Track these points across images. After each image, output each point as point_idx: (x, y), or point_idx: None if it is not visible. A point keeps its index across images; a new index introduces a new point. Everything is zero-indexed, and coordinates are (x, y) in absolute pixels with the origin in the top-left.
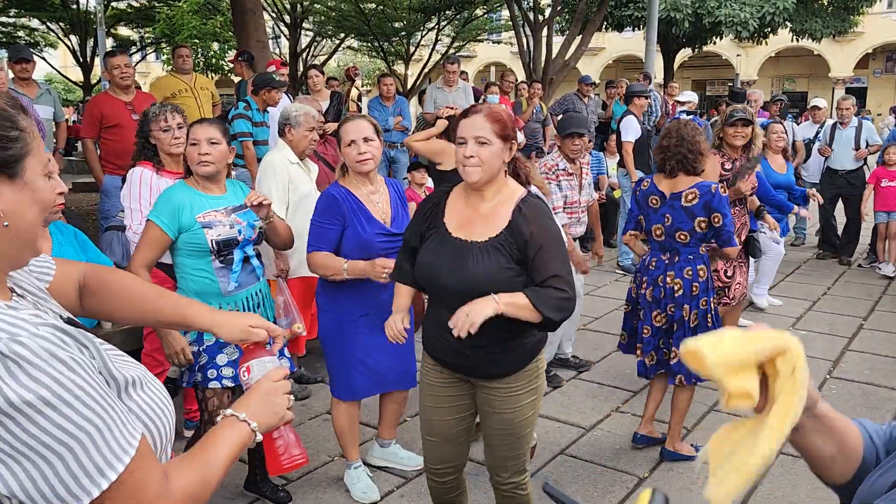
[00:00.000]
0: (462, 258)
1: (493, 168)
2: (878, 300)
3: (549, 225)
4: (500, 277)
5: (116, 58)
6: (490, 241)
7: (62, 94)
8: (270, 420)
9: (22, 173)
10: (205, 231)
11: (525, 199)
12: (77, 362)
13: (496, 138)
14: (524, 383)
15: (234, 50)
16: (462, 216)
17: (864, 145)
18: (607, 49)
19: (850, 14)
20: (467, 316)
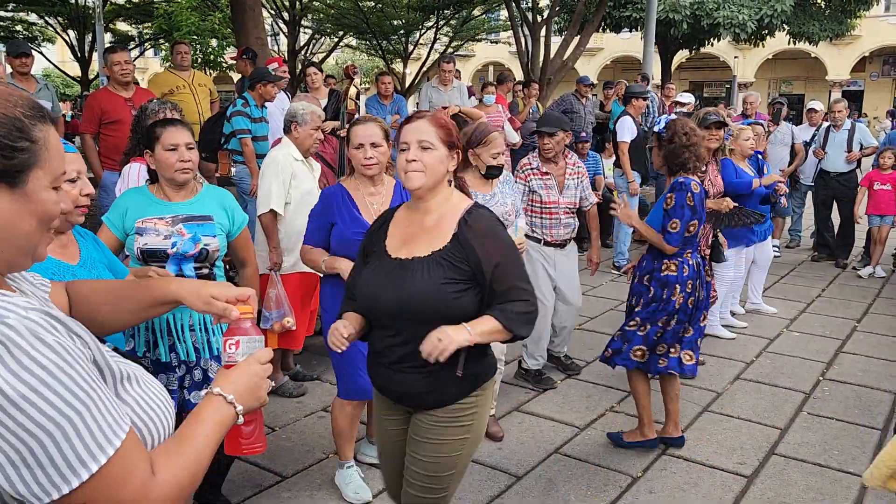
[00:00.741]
0: (400, 276)
1: (436, 175)
2: (873, 302)
3: (498, 235)
4: (439, 294)
5: (117, 54)
6: (433, 254)
7: (60, 88)
8: (252, 404)
9: (24, 184)
10: (135, 237)
11: (470, 209)
12: (63, 347)
13: (441, 144)
14: (457, 416)
15: (233, 47)
16: (405, 234)
17: (858, 148)
18: (605, 50)
19: (847, 17)
20: (439, 341)
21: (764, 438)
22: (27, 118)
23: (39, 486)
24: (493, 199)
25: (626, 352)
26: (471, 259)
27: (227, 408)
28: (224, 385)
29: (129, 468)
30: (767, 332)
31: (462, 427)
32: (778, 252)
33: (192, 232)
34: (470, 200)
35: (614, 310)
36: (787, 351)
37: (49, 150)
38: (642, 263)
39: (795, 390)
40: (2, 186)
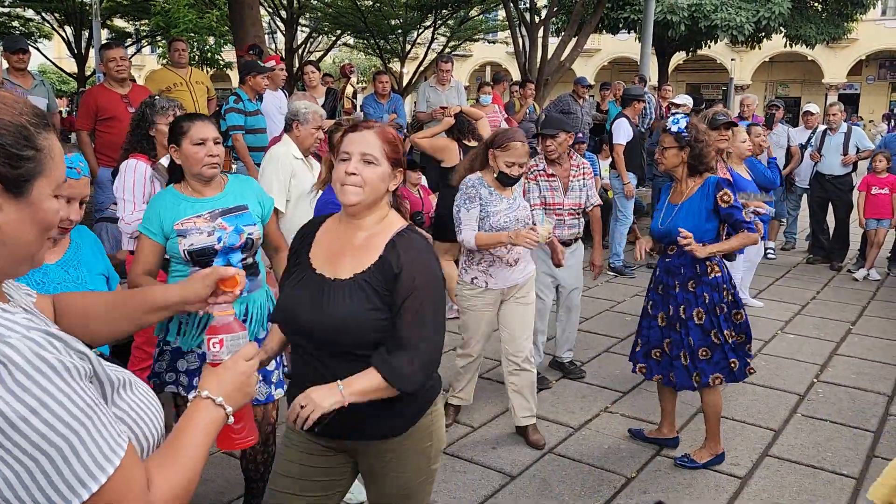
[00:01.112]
0: (322, 299)
1: (375, 192)
2: (867, 305)
3: (424, 262)
4: (366, 319)
5: (112, 50)
6: (355, 277)
7: (56, 85)
8: (242, 401)
9: (29, 193)
10: (178, 240)
11: (402, 232)
12: (65, 366)
13: (385, 160)
14: (413, 444)
15: (231, 45)
16: (332, 248)
17: (855, 151)
18: (602, 51)
19: (844, 20)
20: (302, 408)
21: (758, 440)
22: (33, 126)
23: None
24: (515, 203)
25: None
26: (391, 287)
27: (217, 410)
28: (212, 387)
29: (127, 485)
30: (762, 334)
31: (421, 452)
32: (773, 254)
33: (233, 224)
34: (404, 222)
35: (610, 311)
36: (781, 353)
37: (53, 159)
38: (680, 270)
39: (789, 392)
40: (8, 196)
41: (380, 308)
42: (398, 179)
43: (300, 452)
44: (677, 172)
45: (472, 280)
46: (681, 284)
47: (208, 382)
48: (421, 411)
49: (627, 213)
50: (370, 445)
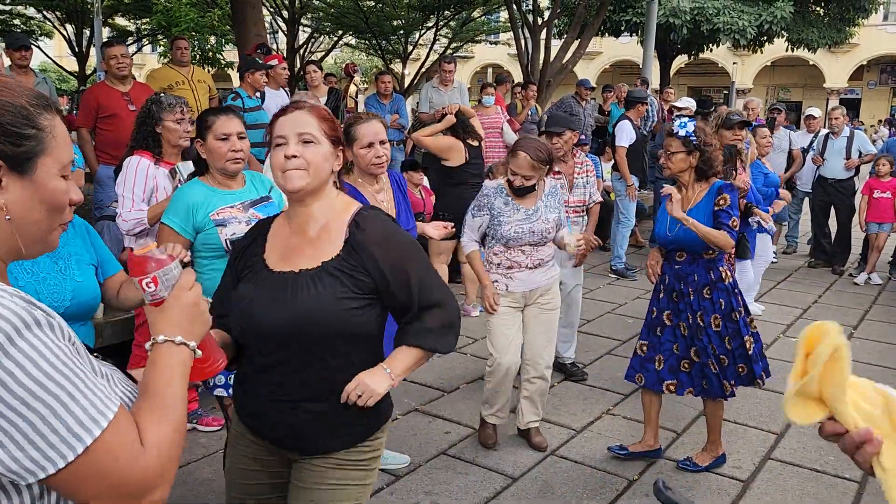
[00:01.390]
0: (287, 293)
1: (320, 174)
2: (869, 309)
3: (396, 237)
4: (337, 309)
5: (114, 48)
6: (323, 265)
7: (56, 83)
8: (202, 330)
9: (32, 171)
10: (218, 230)
11: (360, 211)
12: (46, 332)
13: (324, 138)
14: (357, 459)
15: (232, 44)
16: (287, 245)
17: (857, 155)
18: (604, 53)
19: (845, 25)
20: (359, 396)
21: (760, 443)
22: (33, 107)
23: (33, 462)
24: (535, 215)
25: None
26: (370, 268)
27: (180, 350)
28: (166, 329)
29: (120, 439)
30: (764, 338)
31: (363, 471)
32: (775, 258)
33: (265, 213)
34: (357, 203)
35: (612, 313)
36: (783, 356)
37: (56, 139)
38: (692, 278)
39: None
40: (12, 174)
41: (353, 295)
42: (341, 158)
43: (243, 454)
44: (683, 178)
45: (493, 283)
46: (695, 291)
47: (159, 325)
48: (364, 434)
49: (630, 215)
50: (305, 457)
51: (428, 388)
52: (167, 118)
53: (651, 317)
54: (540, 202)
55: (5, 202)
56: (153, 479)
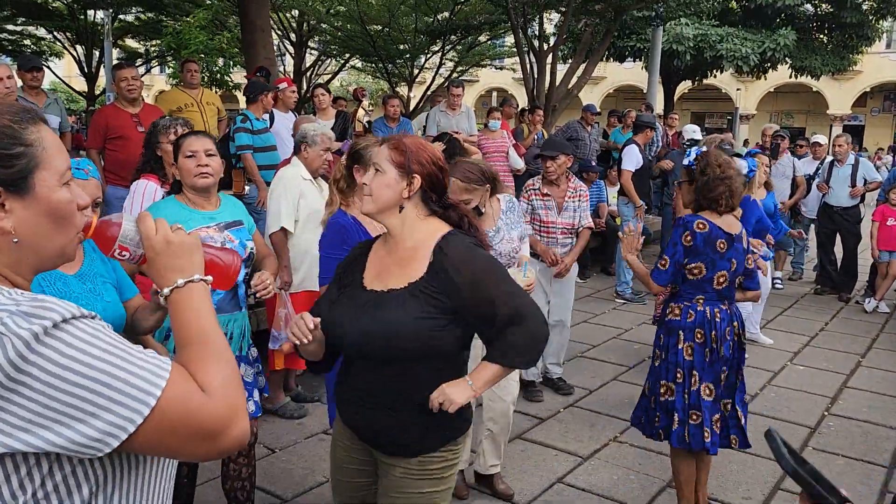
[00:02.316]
0: (373, 310)
1: (381, 198)
2: (877, 337)
3: (480, 260)
4: (416, 329)
5: (125, 70)
6: (409, 287)
7: (66, 103)
8: (194, 258)
9: (31, 188)
10: None
11: (446, 236)
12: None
13: (390, 166)
14: (428, 470)
15: (240, 66)
16: (381, 264)
17: (862, 182)
18: (608, 78)
19: (849, 53)
20: (440, 404)
21: (769, 473)
22: (16, 123)
23: (108, 430)
24: (497, 236)
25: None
26: (450, 290)
27: (189, 288)
28: (164, 278)
29: (183, 392)
30: (772, 365)
31: (438, 480)
32: (781, 284)
33: (238, 237)
34: (446, 227)
35: (617, 338)
36: (791, 384)
37: (47, 150)
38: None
39: (801, 425)
40: (11, 196)
41: (435, 316)
42: (414, 185)
43: (342, 450)
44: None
45: None
46: (731, 333)
47: (157, 279)
48: (443, 442)
49: None
50: (386, 457)
51: None
52: (163, 140)
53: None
54: (500, 221)
55: (12, 226)
56: (226, 418)
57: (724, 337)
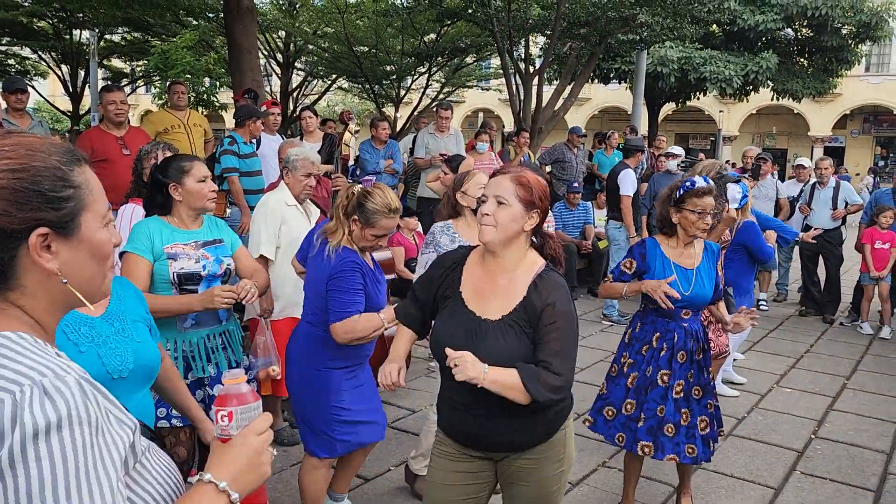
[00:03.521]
0: (478, 337)
1: (507, 231)
2: (861, 359)
3: (564, 301)
4: (512, 356)
5: (113, 93)
6: (504, 318)
7: (50, 123)
8: (254, 483)
9: (78, 230)
10: (169, 262)
11: (543, 272)
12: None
13: (517, 202)
14: (551, 454)
15: (227, 87)
16: (479, 284)
17: (843, 205)
18: (593, 100)
19: (829, 76)
20: (456, 365)
21: (758, 498)
22: (65, 165)
23: None
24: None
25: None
26: (533, 322)
27: (220, 497)
28: (217, 469)
29: None
30: (758, 388)
31: (559, 461)
32: (766, 306)
33: (214, 255)
34: (543, 261)
35: (604, 361)
36: (778, 408)
37: (92, 192)
38: (700, 334)
39: (788, 448)
40: (59, 238)
41: (528, 345)
42: (536, 220)
43: (449, 460)
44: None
45: None
46: (704, 351)
47: (214, 462)
48: (555, 427)
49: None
50: (505, 458)
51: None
52: (146, 165)
53: (645, 375)
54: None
55: (59, 267)
56: None
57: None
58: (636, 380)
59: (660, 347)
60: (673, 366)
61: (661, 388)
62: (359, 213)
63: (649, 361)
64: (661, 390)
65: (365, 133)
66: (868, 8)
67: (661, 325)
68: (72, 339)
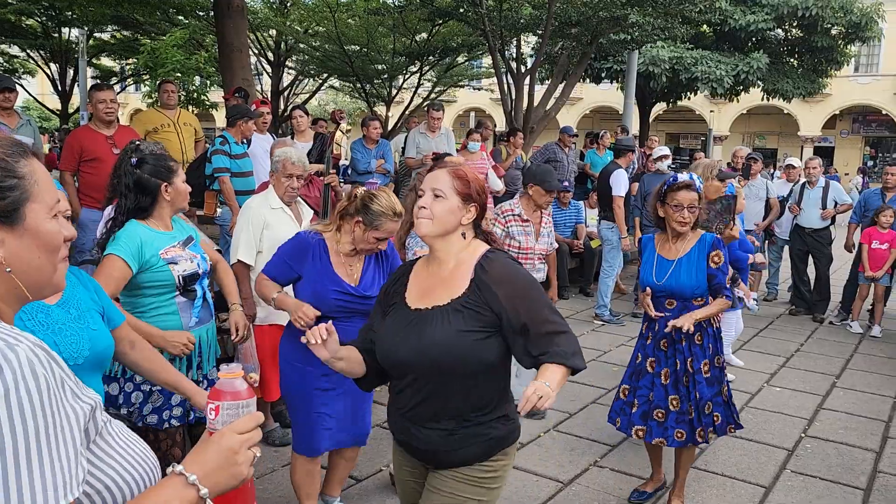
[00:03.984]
0: (418, 327)
1: (444, 224)
2: (850, 358)
3: (517, 277)
4: (459, 342)
5: (103, 92)
6: (452, 302)
7: (38, 122)
8: (228, 483)
9: (22, 219)
10: (171, 267)
11: (486, 254)
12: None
13: (454, 195)
14: (476, 476)
15: (217, 86)
16: (424, 285)
17: (833, 205)
18: (584, 99)
19: (819, 76)
20: (539, 398)
21: (748, 497)
22: (10, 157)
23: None
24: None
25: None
26: (492, 304)
27: (187, 490)
28: (191, 463)
29: None
30: (748, 387)
31: (481, 489)
32: (757, 304)
33: (198, 252)
34: (486, 246)
35: (596, 360)
36: (768, 406)
37: (39, 183)
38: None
39: (778, 447)
40: (3, 227)
41: (478, 329)
42: (473, 213)
43: (401, 467)
44: (686, 229)
45: None
46: (688, 338)
47: (191, 456)
48: (491, 450)
49: (615, 263)
50: (434, 470)
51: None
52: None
53: (635, 362)
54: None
55: (3, 256)
56: None
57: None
58: (630, 366)
59: (647, 335)
60: (657, 353)
61: (650, 375)
62: (363, 215)
63: (640, 349)
64: (650, 377)
65: (356, 132)
66: (858, 9)
67: (647, 315)
68: (28, 327)
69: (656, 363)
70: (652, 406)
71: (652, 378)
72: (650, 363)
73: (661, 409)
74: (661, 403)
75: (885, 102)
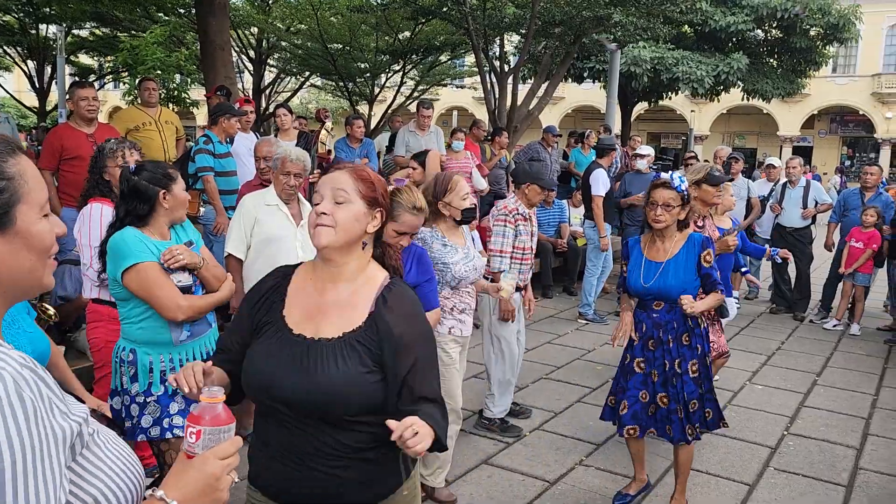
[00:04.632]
0: (308, 362)
1: (349, 233)
2: (830, 356)
3: (420, 323)
4: (361, 384)
5: (85, 89)
6: (345, 336)
7: (15, 119)
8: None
9: (13, 222)
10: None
11: (389, 285)
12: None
13: (358, 198)
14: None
15: (199, 84)
16: (309, 304)
17: (814, 204)
18: (567, 98)
19: (797, 77)
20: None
21: (732, 495)
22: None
23: None
24: (470, 252)
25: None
26: (384, 345)
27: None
28: (171, 488)
29: None
30: (731, 385)
31: None
32: (738, 303)
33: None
34: (386, 273)
35: (580, 359)
36: (751, 404)
37: (28, 183)
38: (672, 325)
39: (761, 445)
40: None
41: (373, 370)
42: (378, 220)
43: None
44: (669, 229)
45: (449, 330)
46: (675, 339)
47: (170, 480)
48: (395, 481)
49: (598, 263)
50: None
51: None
52: (109, 164)
53: (624, 363)
54: (467, 239)
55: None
56: None
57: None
58: (619, 369)
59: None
60: (646, 354)
61: (640, 375)
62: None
63: (627, 350)
64: (640, 377)
65: (341, 133)
66: (836, 10)
67: (636, 316)
68: None
69: (645, 363)
70: (646, 405)
71: (643, 378)
72: (638, 363)
73: (653, 404)
74: (652, 401)
75: (862, 103)
